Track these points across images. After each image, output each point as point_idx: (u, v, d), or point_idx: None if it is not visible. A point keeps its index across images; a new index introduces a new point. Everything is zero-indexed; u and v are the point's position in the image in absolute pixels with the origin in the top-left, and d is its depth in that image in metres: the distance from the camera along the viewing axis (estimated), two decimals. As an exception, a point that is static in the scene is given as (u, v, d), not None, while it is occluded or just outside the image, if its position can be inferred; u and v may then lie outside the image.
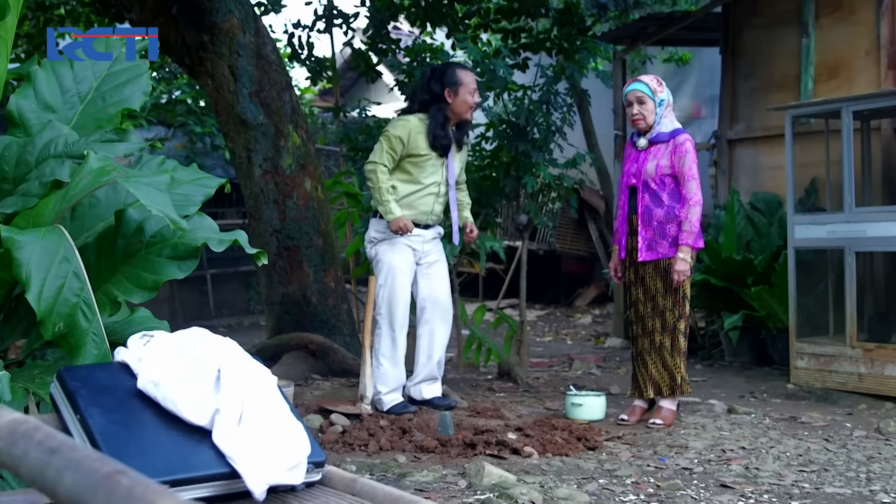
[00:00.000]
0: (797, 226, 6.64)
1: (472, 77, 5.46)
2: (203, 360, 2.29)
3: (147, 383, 2.20)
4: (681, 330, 5.27)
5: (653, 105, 5.25)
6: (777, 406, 6.00)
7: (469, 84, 5.41)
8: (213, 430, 2.19)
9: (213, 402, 2.22)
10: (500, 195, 7.11)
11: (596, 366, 7.78)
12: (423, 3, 8.30)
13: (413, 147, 5.38)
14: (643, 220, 5.23)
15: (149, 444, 2.09)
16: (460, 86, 5.37)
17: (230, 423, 2.20)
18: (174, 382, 2.21)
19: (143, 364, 2.26)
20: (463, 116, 5.45)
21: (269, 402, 2.33)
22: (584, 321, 11.94)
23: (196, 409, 2.20)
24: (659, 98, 5.25)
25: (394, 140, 5.36)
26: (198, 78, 6.36)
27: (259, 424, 2.24)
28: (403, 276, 5.45)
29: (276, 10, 8.75)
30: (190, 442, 2.14)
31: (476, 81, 5.48)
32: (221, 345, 2.40)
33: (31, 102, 3.27)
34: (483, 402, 5.94)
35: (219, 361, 2.30)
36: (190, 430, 2.16)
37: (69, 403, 2.13)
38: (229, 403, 2.22)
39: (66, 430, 2.18)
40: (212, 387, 2.25)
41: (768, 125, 8.03)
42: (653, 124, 5.28)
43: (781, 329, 7.21)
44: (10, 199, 3.01)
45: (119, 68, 3.46)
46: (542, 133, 6.82)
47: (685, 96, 12.66)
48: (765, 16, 8.31)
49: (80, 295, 2.79)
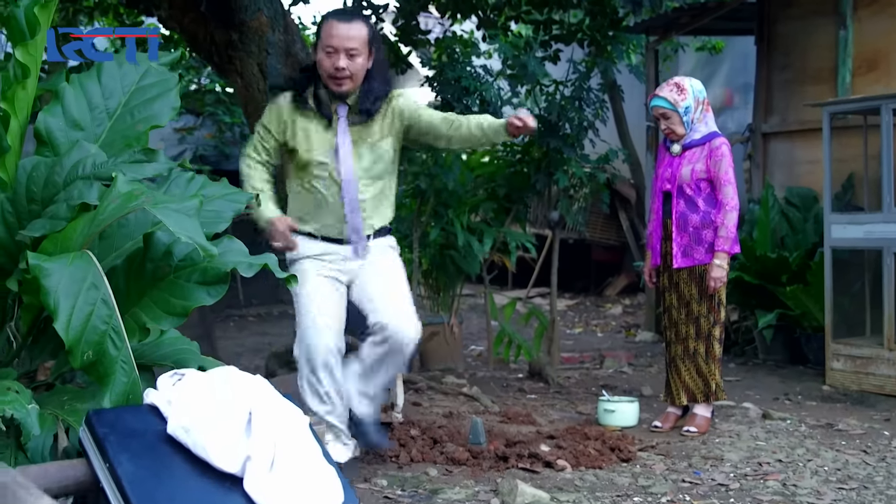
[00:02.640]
0: (834, 225, 6.52)
1: (335, 28, 3.95)
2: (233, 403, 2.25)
3: (177, 429, 2.16)
4: (715, 336, 5.18)
5: (678, 117, 5.12)
6: (812, 410, 5.90)
7: (325, 39, 3.98)
8: (244, 477, 2.15)
9: (244, 449, 2.18)
10: (531, 191, 7.03)
11: (627, 363, 7.70)
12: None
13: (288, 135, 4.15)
14: (678, 226, 5.13)
15: (179, 493, 2.05)
16: (318, 40, 4.06)
17: (262, 470, 2.16)
18: (204, 428, 2.17)
19: (172, 408, 2.22)
20: (329, 84, 4.04)
21: (301, 447, 2.28)
22: (614, 311, 11.85)
23: (227, 456, 2.16)
24: (683, 107, 5.10)
25: (259, 125, 4.24)
26: (227, 76, 6.30)
27: (291, 471, 2.20)
28: (319, 311, 4.03)
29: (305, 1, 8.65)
30: (221, 490, 2.10)
31: (344, 34, 3.95)
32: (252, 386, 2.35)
33: (59, 120, 3.23)
34: (514, 404, 5.88)
35: (249, 404, 2.26)
36: (221, 477, 2.12)
37: (98, 449, 2.10)
38: (261, 449, 2.18)
39: (94, 476, 2.15)
40: (243, 432, 2.21)
41: (804, 119, 7.89)
42: (685, 133, 5.16)
43: (816, 328, 7.10)
44: (38, 223, 2.97)
45: (148, 82, 3.42)
46: (573, 129, 6.73)
47: (718, 84, 12.48)
48: (801, 6, 8.14)
49: (108, 322, 2.75)
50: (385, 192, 4.26)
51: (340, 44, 3.95)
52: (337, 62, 3.96)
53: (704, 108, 5.20)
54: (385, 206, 4.29)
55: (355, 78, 4.03)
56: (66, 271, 2.72)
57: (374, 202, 4.20)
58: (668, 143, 5.25)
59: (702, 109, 5.18)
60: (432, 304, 7.55)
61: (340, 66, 3.95)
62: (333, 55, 3.97)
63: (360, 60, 4.01)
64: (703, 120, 5.19)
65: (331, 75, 4.00)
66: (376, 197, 4.20)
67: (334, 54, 3.97)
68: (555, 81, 6.84)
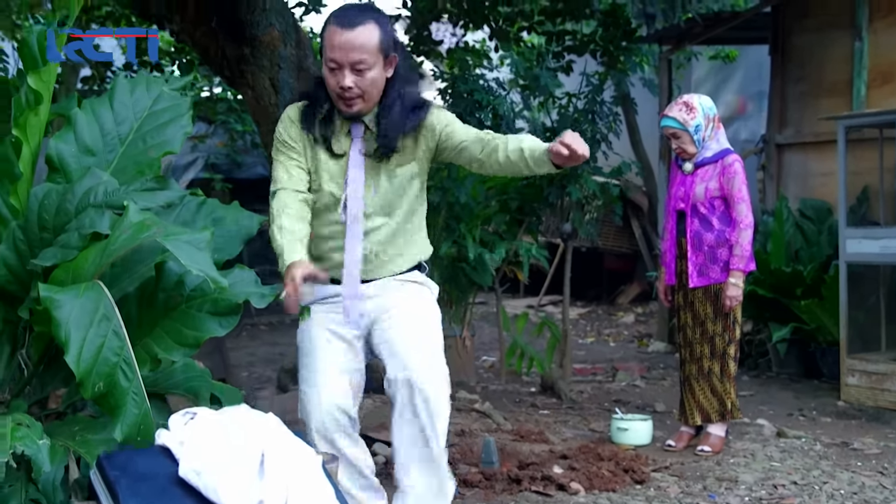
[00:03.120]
0: (849, 240, 6.47)
1: (337, 36, 3.09)
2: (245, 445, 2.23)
3: (189, 472, 2.14)
4: (730, 355, 5.15)
5: (688, 136, 5.07)
6: (827, 427, 5.86)
7: (327, 50, 3.14)
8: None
9: (256, 492, 2.16)
10: (544, 204, 7.00)
11: (640, 376, 7.66)
12: (464, 5, 8.17)
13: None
14: (693, 245, 5.09)
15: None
16: (323, 49, 3.17)
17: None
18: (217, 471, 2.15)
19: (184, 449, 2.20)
20: (337, 105, 3.22)
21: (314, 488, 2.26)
22: (626, 320, 11.81)
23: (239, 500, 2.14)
24: (693, 125, 5.05)
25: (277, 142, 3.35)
26: (238, 89, 6.28)
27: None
28: (322, 381, 3.18)
29: (317, 10, 8.64)
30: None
31: (348, 44, 3.07)
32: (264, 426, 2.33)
33: (70, 146, 3.21)
34: (527, 421, 5.85)
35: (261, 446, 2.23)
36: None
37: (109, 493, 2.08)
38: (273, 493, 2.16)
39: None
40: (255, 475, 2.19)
41: (818, 131, 7.84)
42: (696, 151, 5.11)
43: (831, 342, 7.04)
44: (49, 251, 2.95)
45: (160, 107, 3.40)
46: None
47: (731, 92, 12.44)
48: (816, 17, 8.09)
49: (119, 354, 2.73)
50: (410, 227, 3.35)
51: (344, 57, 3.08)
52: (342, 80, 3.10)
53: (715, 126, 5.16)
54: (412, 244, 3.37)
55: (368, 96, 3.15)
56: (76, 303, 2.70)
57: (394, 240, 3.31)
58: (680, 161, 5.21)
59: (713, 127, 5.14)
60: (444, 318, 7.50)
61: (346, 84, 3.09)
62: (337, 71, 3.11)
63: (373, 74, 3.11)
64: (714, 137, 5.14)
65: (338, 95, 3.15)
66: (396, 233, 3.30)
67: (338, 70, 3.10)
68: (567, 94, 6.80)
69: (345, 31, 3.07)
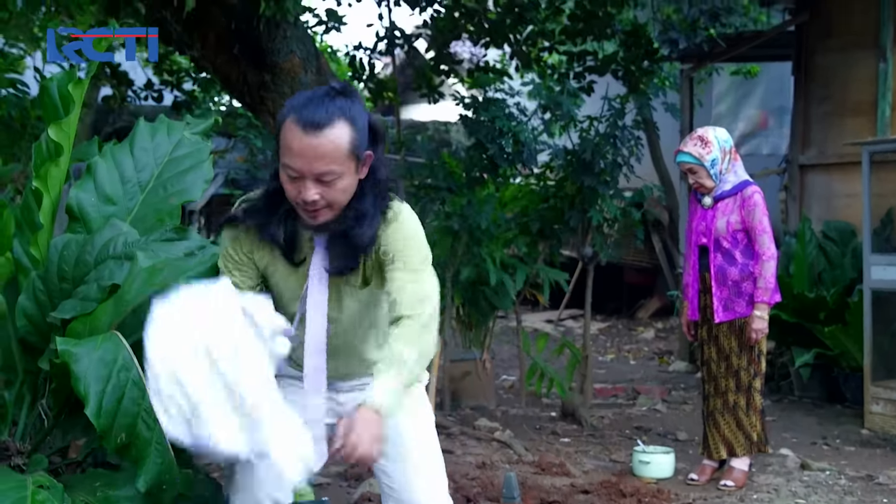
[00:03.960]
0: (874, 266, 6.40)
1: (298, 141, 2.39)
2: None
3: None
4: (756, 388, 5.09)
5: (704, 171, 5.01)
6: (851, 457, 5.80)
7: (285, 154, 2.44)
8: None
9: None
10: (565, 228, 6.96)
11: (661, 400, 7.60)
12: (485, 25, 8.14)
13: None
14: (717, 280, 5.03)
15: None
16: (277, 147, 2.50)
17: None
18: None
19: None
20: (299, 213, 2.52)
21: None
22: (646, 335, 11.76)
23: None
24: (709, 160, 4.98)
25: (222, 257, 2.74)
26: (259, 115, 6.28)
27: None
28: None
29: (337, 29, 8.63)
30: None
31: (311, 151, 2.39)
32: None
33: (90, 195, 3.20)
34: (547, 450, 5.81)
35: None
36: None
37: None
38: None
39: None
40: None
41: (842, 152, 7.77)
42: (714, 185, 5.06)
43: (855, 368, 6.97)
44: (68, 304, 2.94)
45: (181, 153, 3.38)
46: (608, 167, 6.65)
47: (752, 106, 12.36)
48: (840, 37, 8.03)
49: (140, 404, 2.72)
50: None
51: (307, 167, 2.41)
52: (305, 193, 2.43)
53: (732, 158, 5.09)
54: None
55: (338, 205, 2.49)
56: (94, 355, 2.68)
57: (370, 342, 2.78)
58: (698, 195, 5.16)
59: (729, 159, 5.07)
60: (464, 340, 7.49)
61: (310, 198, 2.43)
62: (298, 182, 2.44)
63: (343, 183, 2.46)
64: (731, 169, 5.07)
65: (300, 207, 2.49)
66: (370, 336, 2.78)
67: (299, 180, 2.43)
68: (589, 118, 6.75)
69: (308, 135, 2.39)
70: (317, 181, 2.43)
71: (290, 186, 2.45)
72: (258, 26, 5.68)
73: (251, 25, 5.69)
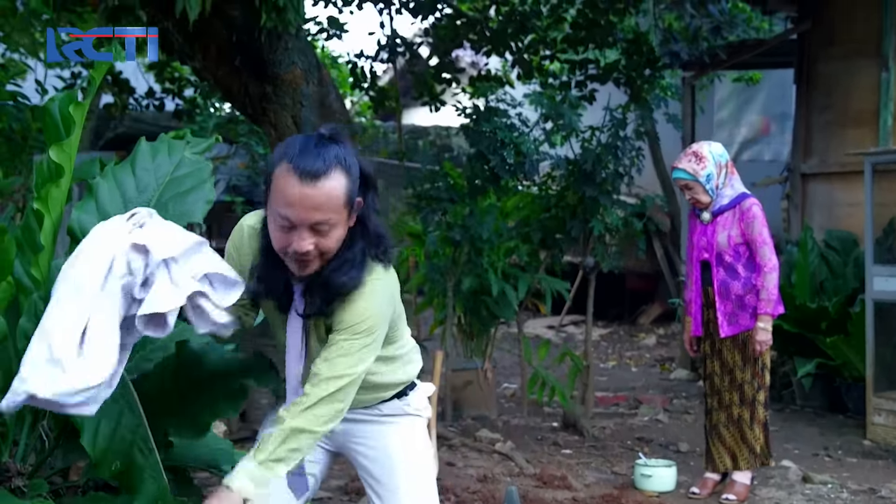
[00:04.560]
0: (876, 277, 6.39)
1: (294, 190, 2.33)
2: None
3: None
4: (760, 401, 5.09)
5: (700, 186, 5.00)
6: (853, 469, 5.79)
7: (276, 202, 2.38)
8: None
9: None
10: (567, 238, 6.95)
11: (663, 409, 7.59)
12: (487, 33, 8.14)
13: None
14: (720, 295, 5.02)
15: None
16: (267, 193, 2.44)
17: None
18: None
19: None
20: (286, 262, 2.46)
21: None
22: (648, 342, 11.75)
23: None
24: (704, 175, 4.97)
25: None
26: (261, 126, 6.28)
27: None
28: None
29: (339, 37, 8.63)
30: None
31: (308, 201, 2.33)
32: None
33: (92, 216, 3.18)
34: (549, 462, 5.80)
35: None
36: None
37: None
38: None
39: None
40: None
41: (844, 161, 7.75)
42: (710, 201, 5.05)
43: (857, 378, 6.96)
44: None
45: (182, 173, 3.36)
46: (609, 178, 6.64)
47: (754, 112, 12.35)
48: (842, 45, 8.01)
49: (136, 432, 2.73)
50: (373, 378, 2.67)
51: (302, 217, 2.35)
52: (299, 244, 2.37)
53: (729, 172, 5.07)
54: (375, 389, 2.73)
55: (327, 255, 2.43)
56: (92, 384, 2.68)
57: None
58: (697, 211, 5.15)
59: (725, 173, 5.06)
60: (465, 349, 7.49)
61: (304, 249, 2.37)
62: (292, 232, 2.37)
63: (338, 232, 2.42)
64: (728, 184, 5.06)
65: (291, 258, 2.42)
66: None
67: (292, 231, 2.37)
68: (591, 128, 6.74)
69: (305, 185, 2.33)
70: (311, 231, 2.36)
71: (281, 235, 2.38)
72: (259, 38, 5.69)
73: (252, 37, 5.69)
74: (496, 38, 8.07)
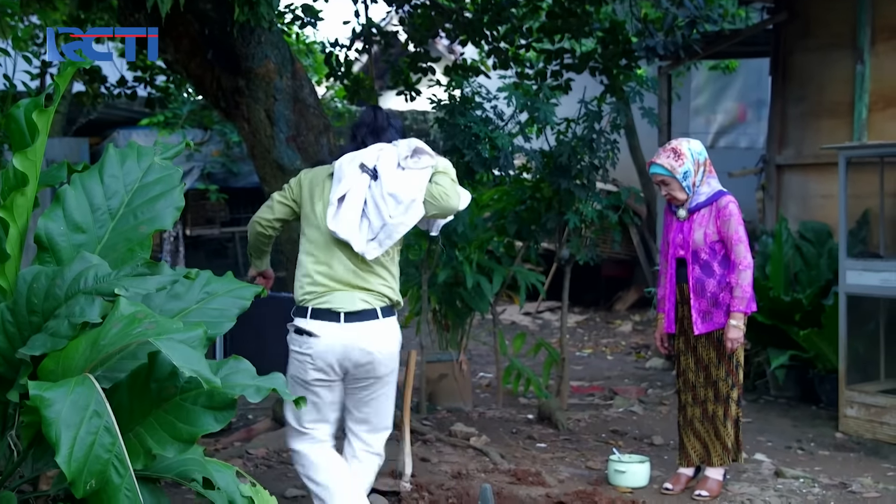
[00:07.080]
0: (849, 271, 6.41)
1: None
2: None
3: None
4: (734, 398, 5.10)
5: (677, 183, 4.99)
6: (826, 462, 5.82)
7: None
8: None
9: None
10: (542, 230, 6.93)
11: (638, 400, 7.61)
12: (461, 22, 8.09)
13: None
14: (695, 292, 5.02)
15: None
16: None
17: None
18: None
19: None
20: None
21: None
22: (623, 329, 11.78)
23: None
24: (681, 172, 4.97)
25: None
26: (234, 120, 6.21)
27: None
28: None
29: (313, 25, 8.57)
30: None
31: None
32: None
33: (59, 224, 3.16)
34: (523, 457, 5.81)
35: None
36: None
37: None
38: None
39: None
40: None
41: (819, 152, 7.76)
42: (686, 197, 5.05)
43: (830, 370, 7.00)
44: (38, 339, 2.90)
45: (151, 179, 3.34)
46: (585, 170, 6.62)
47: (730, 99, 12.37)
48: (818, 37, 8.01)
49: (111, 451, 2.69)
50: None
51: None
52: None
53: (707, 170, 5.07)
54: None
55: None
56: (67, 400, 2.65)
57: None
58: (673, 208, 5.15)
59: (703, 171, 5.05)
60: (441, 341, 7.48)
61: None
62: None
63: None
64: (705, 181, 5.06)
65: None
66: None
67: None
68: (567, 120, 6.71)
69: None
70: None
71: None
72: (232, 32, 5.63)
73: (225, 31, 5.64)
74: (472, 27, 8.03)
